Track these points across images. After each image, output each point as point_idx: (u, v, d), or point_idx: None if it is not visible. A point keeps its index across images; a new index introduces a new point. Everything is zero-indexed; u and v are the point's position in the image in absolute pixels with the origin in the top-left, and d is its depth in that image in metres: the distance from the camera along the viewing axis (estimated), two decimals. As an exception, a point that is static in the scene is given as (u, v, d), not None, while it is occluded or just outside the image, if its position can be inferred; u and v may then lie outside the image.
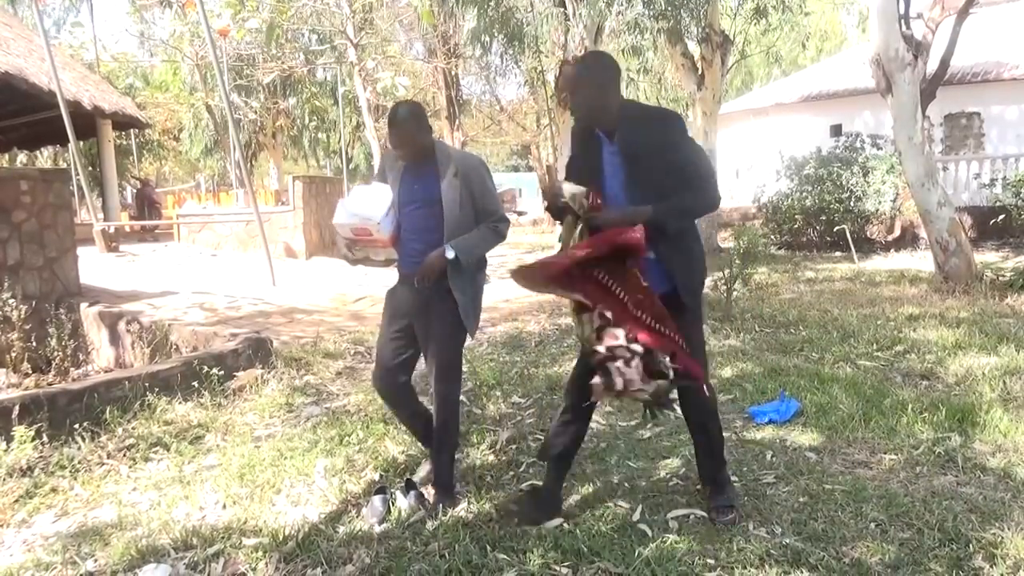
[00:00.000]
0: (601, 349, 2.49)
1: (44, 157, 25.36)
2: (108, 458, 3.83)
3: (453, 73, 15.73)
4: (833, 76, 19.29)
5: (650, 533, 2.80)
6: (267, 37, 12.05)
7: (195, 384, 4.69)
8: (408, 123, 3.03)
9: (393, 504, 3.10)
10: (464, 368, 5.31)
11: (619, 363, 2.43)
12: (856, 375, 4.81)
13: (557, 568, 2.56)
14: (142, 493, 3.46)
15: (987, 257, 10.85)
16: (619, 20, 12.52)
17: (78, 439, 3.89)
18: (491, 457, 3.69)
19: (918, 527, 2.79)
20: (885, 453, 3.57)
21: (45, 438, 3.81)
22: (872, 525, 2.82)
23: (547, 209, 3.05)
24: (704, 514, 2.95)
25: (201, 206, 16.55)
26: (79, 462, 3.73)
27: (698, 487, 3.22)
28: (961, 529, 2.75)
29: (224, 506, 3.24)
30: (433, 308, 3.08)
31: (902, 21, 8.41)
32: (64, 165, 21.89)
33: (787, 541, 2.71)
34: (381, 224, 3.03)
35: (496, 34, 13.58)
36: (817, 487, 3.16)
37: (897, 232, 13.55)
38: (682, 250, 2.76)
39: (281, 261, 11.26)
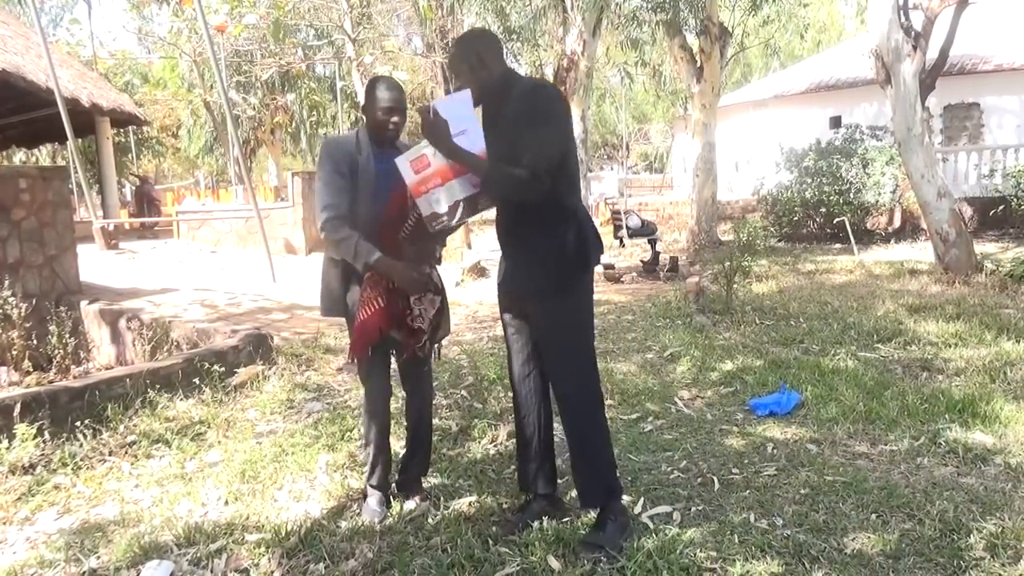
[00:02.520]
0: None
1: (43, 155, 25.33)
2: (110, 455, 3.83)
3: (451, 67, 15.72)
4: (832, 68, 19.26)
5: (652, 526, 2.80)
6: (274, 32, 12.06)
7: (196, 381, 4.69)
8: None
9: (395, 499, 3.11)
10: (465, 364, 5.33)
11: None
12: (857, 367, 4.81)
13: (558, 561, 2.57)
14: (144, 490, 3.46)
15: (987, 248, 10.84)
16: (617, 13, 12.49)
17: (80, 436, 3.90)
18: (492, 451, 3.69)
19: (919, 518, 2.80)
20: (886, 444, 3.58)
21: (47, 436, 3.81)
22: (873, 516, 2.83)
23: None
24: (704, 507, 2.96)
25: (200, 203, 16.56)
26: (81, 459, 3.74)
27: (700, 480, 3.23)
28: (962, 520, 2.76)
29: (226, 502, 3.25)
30: None
31: (901, 12, 8.39)
32: (63, 163, 21.87)
33: (788, 533, 2.72)
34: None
35: (496, 29, 13.56)
36: (818, 479, 3.17)
37: (897, 223, 13.55)
38: (528, 248, 2.67)
39: (281, 257, 11.27)
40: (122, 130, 20.06)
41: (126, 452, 3.88)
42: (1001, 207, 12.05)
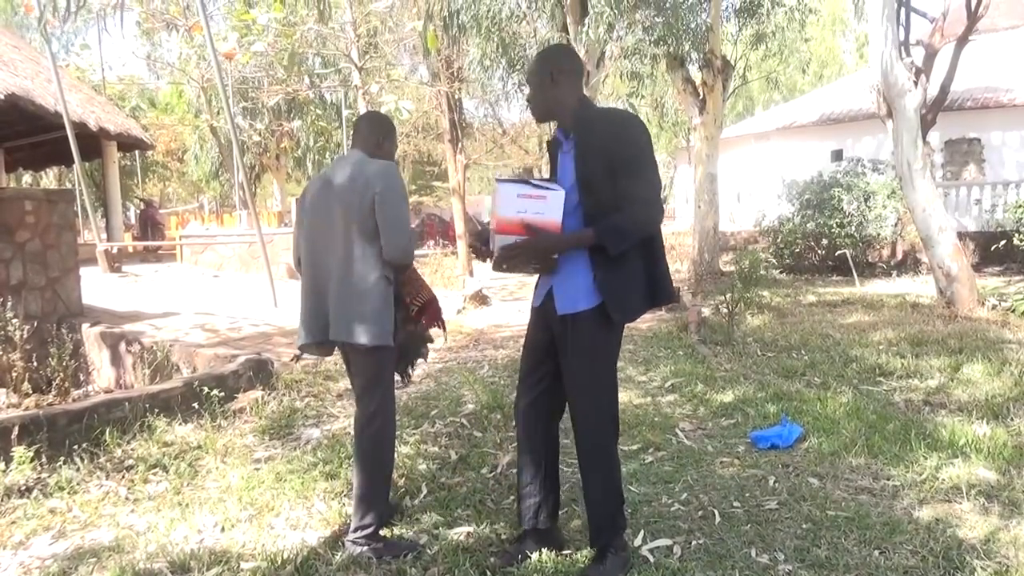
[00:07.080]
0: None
1: (49, 177, 25.53)
2: (106, 479, 3.81)
3: (456, 97, 15.90)
4: (834, 101, 19.44)
5: (652, 559, 2.77)
6: (289, 61, 12.35)
7: (195, 405, 4.68)
8: None
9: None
10: (465, 392, 5.31)
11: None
12: (858, 400, 4.79)
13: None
14: (140, 515, 3.43)
15: (989, 282, 10.85)
16: (620, 46, 12.64)
17: (77, 460, 3.88)
18: (491, 481, 3.67)
19: (922, 555, 2.76)
20: (888, 479, 3.54)
21: (44, 459, 3.79)
22: (875, 552, 2.80)
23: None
24: (705, 540, 2.93)
25: (204, 227, 16.66)
26: (77, 483, 3.71)
27: (700, 513, 3.20)
28: (966, 557, 2.73)
29: (222, 529, 3.22)
30: None
31: (902, 47, 8.49)
32: (69, 185, 22.05)
33: (790, 568, 2.68)
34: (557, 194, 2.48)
35: (499, 60, 13.74)
36: (820, 513, 3.14)
37: (899, 256, 13.58)
38: (618, 269, 2.55)
39: (283, 282, 11.27)
40: (128, 154, 20.24)
41: (123, 477, 3.85)
42: (1003, 242, 12.08)
